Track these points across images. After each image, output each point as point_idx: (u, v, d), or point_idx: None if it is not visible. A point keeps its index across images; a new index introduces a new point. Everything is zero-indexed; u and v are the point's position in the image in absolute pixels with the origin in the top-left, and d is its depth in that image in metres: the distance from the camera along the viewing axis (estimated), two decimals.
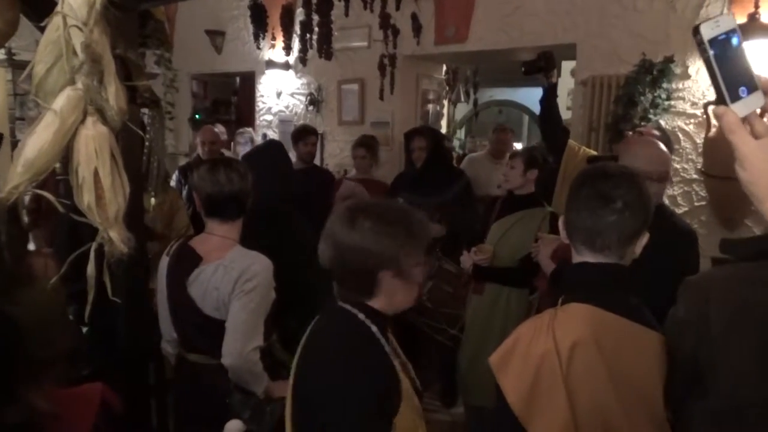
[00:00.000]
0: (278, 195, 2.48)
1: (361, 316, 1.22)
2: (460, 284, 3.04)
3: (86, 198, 0.98)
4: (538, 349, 1.11)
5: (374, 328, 1.22)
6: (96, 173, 0.98)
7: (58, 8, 0.94)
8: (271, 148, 2.97)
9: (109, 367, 2.28)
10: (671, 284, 1.32)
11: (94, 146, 0.97)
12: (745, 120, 0.65)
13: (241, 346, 1.79)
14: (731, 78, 0.66)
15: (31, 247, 2.20)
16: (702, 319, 1.22)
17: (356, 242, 1.18)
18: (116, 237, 1.00)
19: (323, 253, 1.24)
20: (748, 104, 0.66)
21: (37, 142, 0.94)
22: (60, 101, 0.96)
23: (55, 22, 0.95)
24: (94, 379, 2.26)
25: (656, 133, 2.78)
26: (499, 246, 2.76)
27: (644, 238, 1.22)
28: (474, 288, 2.88)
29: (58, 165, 1.13)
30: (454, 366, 3.44)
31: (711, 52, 0.66)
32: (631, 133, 2.77)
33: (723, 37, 0.66)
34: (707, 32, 0.66)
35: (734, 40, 0.67)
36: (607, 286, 1.20)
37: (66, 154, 0.99)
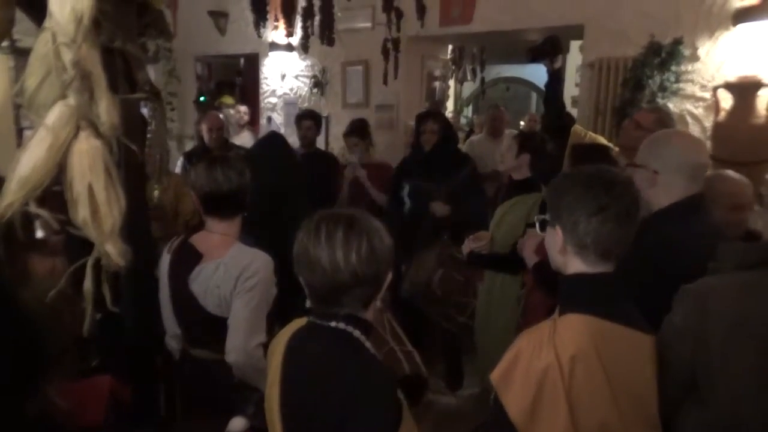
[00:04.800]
0: (280, 186, 2.48)
1: (357, 333, 1.18)
2: (470, 272, 3.00)
3: (81, 213, 0.98)
4: (540, 363, 1.10)
5: (368, 344, 1.20)
6: (90, 188, 0.97)
7: (46, 23, 0.92)
8: (271, 140, 2.96)
9: (117, 357, 2.32)
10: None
11: (87, 161, 0.96)
12: None
13: (244, 343, 1.80)
14: None
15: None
16: (700, 328, 1.21)
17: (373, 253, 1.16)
18: (113, 251, 1.00)
19: (332, 274, 1.16)
20: None
21: (31, 158, 0.94)
22: (52, 116, 0.95)
23: (43, 37, 0.94)
24: (102, 370, 2.30)
25: (651, 116, 2.68)
26: (496, 231, 2.73)
27: None
28: (479, 276, 2.89)
29: None
30: (459, 348, 3.45)
31: None
32: (628, 120, 2.69)
33: None
34: None
35: None
36: (605, 296, 1.19)
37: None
